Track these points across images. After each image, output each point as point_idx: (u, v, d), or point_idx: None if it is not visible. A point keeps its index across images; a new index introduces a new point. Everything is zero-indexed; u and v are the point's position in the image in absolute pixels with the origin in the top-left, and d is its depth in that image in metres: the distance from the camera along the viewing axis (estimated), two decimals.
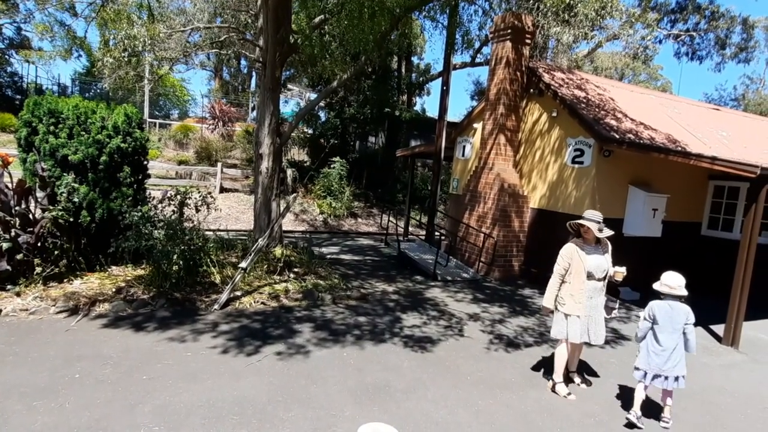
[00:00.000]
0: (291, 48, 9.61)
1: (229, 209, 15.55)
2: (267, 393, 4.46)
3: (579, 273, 4.96)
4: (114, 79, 17.19)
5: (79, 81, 36.54)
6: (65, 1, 27.94)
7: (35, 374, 4.42)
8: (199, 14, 19.11)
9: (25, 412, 3.82)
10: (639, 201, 9.28)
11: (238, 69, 37.99)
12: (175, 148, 22.95)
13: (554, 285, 5.06)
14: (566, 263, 5.02)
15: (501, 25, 10.46)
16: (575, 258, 5.00)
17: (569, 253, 5.07)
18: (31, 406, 3.90)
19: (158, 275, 6.98)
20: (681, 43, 18.24)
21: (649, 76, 33.83)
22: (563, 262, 5.05)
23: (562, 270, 5.02)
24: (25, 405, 3.91)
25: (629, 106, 10.77)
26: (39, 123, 7.06)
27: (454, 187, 12.52)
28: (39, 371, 4.49)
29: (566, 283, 5.01)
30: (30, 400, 3.98)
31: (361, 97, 20.36)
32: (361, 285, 8.72)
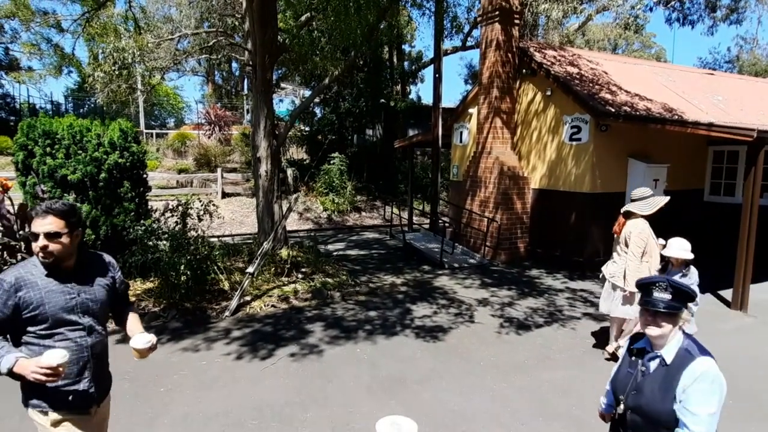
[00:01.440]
0: (280, 48, 9.59)
1: (232, 214, 15.60)
2: (284, 395, 4.51)
3: (654, 251, 4.98)
4: (107, 93, 17.19)
5: (72, 97, 36.56)
6: (50, 18, 27.91)
7: None
8: (186, 20, 19.04)
9: None
10: (639, 173, 9.26)
11: (229, 72, 37.89)
12: (173, 156, 22.98)
13: (637, 267, 4.94)
14: (644, 243, 4.98)
15: (489, 8, 10.39)
16: (651, 237, 5.02)
17: (646, 232, 5.03)
18: None
19: (167, 287, 7.02)
20: (672, 9, 18.06)
21: (642, 45, 33.52)
22: (641, 243, 4.99)
23: (641, 250, 4.98)
24: None
25: (623, 78, 10.70)
26: (35, 145, 7.09)
27: (455, 174, 12.51)
28: None
29: (644, 262, 4.98)
30: None
31: (355, 91, 20.29)
32: (370, 279, 8.75)
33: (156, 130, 30.73)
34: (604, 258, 9.35)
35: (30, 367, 2.05)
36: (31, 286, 2.23)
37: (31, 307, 2.20)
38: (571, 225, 9.58)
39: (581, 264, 9.35)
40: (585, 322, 6.56)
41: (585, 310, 7.06)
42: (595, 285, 8.47)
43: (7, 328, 2.21)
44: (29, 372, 2.05)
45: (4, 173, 15.25)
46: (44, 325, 2.24)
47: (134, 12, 13.29)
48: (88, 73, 17.57)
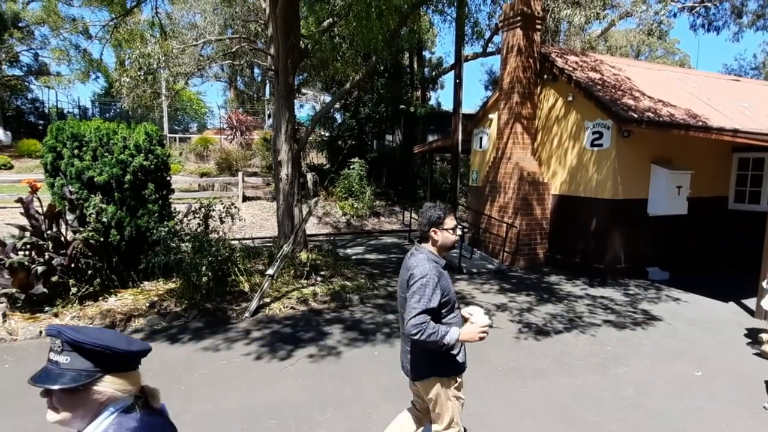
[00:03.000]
0: (302, 53, 9.71)
1: (252, 217, 15.77)
2: (302, 396, 4.55)
3: None
4: (132, 98, 17.57)
5: (99, 102, 37.40)
6: (79, 25, 28.65)
7: None
8: (210, 27, 19.39)
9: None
10: (662, 179, 9.14)
11: (251, 78, 38.39)
12: (196, 160, 23.33)
13: None
14: None
15: (510, 13, 10.39)
16: None
17: None
18: None
19: (189, 287, 7.14)
20: (696, 15, 17.78)
21: (666, 51, 33.05)
22: None
23: None
24: None
25: (646, 84, 10.59)
26: (63, 147, 7.28)
27: (474, 179, 12.48)
28: None
29: None
30: None
31: (375, 96, 20.39)
32: (388, 283, 8.77)
33: (179, 135, 31.27)
34: (625, 265, 9.31)
35: (475, 330, 2.67)
36: (443, 276, 2.79)
37: (445, 292, 2.75)
38: (591, 231, 9.48)
39: (602, 271, 9.24)
40: (605, 330, 6.48)
41: (605, 318, 6.98)
42: (616, 292, 8.37)
43: (437, 313, 2.72)
44: (476, 334, 2.66)
45: (33, 175, 15.67)
46: (449, 307, 2.79)
47: (160, 18, 13.59)
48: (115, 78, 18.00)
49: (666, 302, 7.87)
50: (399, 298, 2.94)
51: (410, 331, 2.58)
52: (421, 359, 2.87)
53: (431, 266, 2.74)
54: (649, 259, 9.57)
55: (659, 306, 7.63)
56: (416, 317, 2.59)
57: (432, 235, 2.87)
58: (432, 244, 2.89)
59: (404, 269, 2.87)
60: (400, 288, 2.91)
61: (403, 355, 3.01)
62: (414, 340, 2.62)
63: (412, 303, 2.63)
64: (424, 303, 2.62)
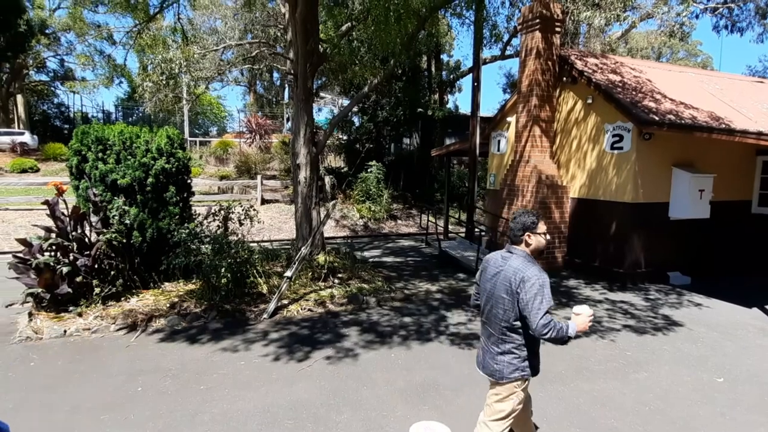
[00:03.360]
0: (321, 57, 9.79)
1: (271, 220, 15.91)
2: (319, 397, 4.58)
3: None
4: (154, 102, 17.91)
5: (122, 106, 38.15)
6: (103, 31, 29.29)
7: (100, 390, 4.69)
8: (230, 32, 19.66)
9: (94, 426, 4.05)
10: (684, 183, 8.99)
11: (270, 82, 38.78)
12: (215, 164, 23.65)
13: None
14: None
15: (529, 16, 10.34)
16: None
17: None
18: (99, 420, 4.14)
19: (208, 289, 7.24)
20: (719, 16, 17.44)
21: (688, 53, 32.54)
22: None
23: None
24: (93, 419, 4.15)
25: (668, 86, 10.44)
26: (88, 151, 7.44)
27: (491, 182, 12.43)
28: (104, 386, 4.75)
29: None
30: (97, 414, 4.22)
31: (393, 100, 20.45)
32: (405, 286, 8.78)
33: (199, 138, 31.73)
34: (645, 269, 9.18)
35: (585, 320, 2.87)
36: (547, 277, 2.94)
37: None
38: (611, 235, 9.37)
39: (622, 275, 9.12)
40: (625, 335, 6.40)
41: (625, 322, 6.89)
42: (636, 297, 8.26)
43: None
44: (586, 324, 2.87)
45: (59, 178, 16.03)
46: None
47: (182, 24, 13.82)
48: (138, 83, 18.34)
49: (687, 307, 7.74)
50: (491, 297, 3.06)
51: (541, 331, 2.75)
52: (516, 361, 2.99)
53: (539, 268, 2.93)
54: (671, 264, 9.42)
55: (680, 311, 7.51)
56: (544, 317, 2.77)
57: (526, 239, 3.05)
58: (525, 247, 3.06)
59: (509, 271, 2.97)
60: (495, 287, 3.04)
61: (488, 356, 3.09)
62: (545, 338, 2.78)
63: (536, 304, 2.79)
64: (546, 303, 2.80)
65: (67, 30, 30.19)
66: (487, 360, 3.09)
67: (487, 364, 3.09)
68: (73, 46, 32.05)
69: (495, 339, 3.04)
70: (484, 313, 3.15)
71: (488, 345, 3.10)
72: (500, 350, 3.01)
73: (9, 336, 6.02)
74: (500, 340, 3.00)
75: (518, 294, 2.87)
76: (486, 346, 3.12)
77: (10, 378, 4.89)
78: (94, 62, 32.52)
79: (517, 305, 2.89)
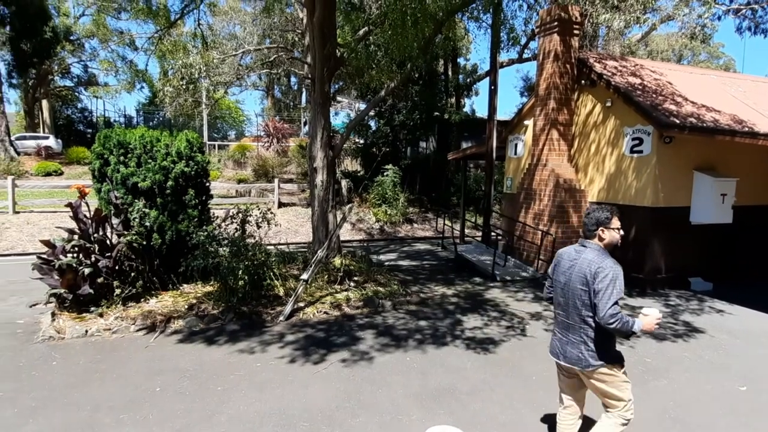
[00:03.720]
0: (338, 62, 9.85)
1: (288, 223, 16.02)
2: (334, 399, 4.60)
3: None
4: (174, 107, 18.18)
5: (143, 111, 38.79)
6: (126, 37, 29.85)
7: (120, 389, 4.76)
8: (249, 37, 19.91)
9: (114, 424, 4.12)
10: (706, 187, 8.84)
11: (288, 86, 39.13)
12: (233, 167, 23.89)
13: None
14: None
15: (547, 19, 10.28)
16: None
17: None
18: (119, 419, 4.20)
19: (226, 291, 7.31)
20: (742, 18, 17.12)
21: (709, 56, 32.01)
22: None
23: None
24: (113, 418, 4.22)
25: (689, 88, 10.29)
26: (110, 154, 7.58)
27: (508, 186, 12.36)
28: (124, 386, 4.83)
29: None
30: (117, 414, 4.29)
31: (409, 103, 20.47)
32: (420, 290, 8.76)
33: (218, 142, 32.10)
34: (666, 275, 9.03)
35: (652, 321, 3.07)
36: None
37: None
38: (630, 240, 9.24)
39: (641, 281, 8.99)
40: (644, 341, 6.30)
41: None
42: (656, 303, 8.13)
43: None
44: (652, 325, 3.06)
45: (82, 181, 16.35)
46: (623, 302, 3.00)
47: (202, 30, 14.03)
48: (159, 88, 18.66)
49: (709, 314, 7.59)
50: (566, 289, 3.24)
51: (608, 320, 2.91)
52: (600, 349, 3.14)
53: (613, 261, 3.09)
54: (692, 269, 9.26)
55: (702, 318, 7.37)
56: (613, 307, 2.93)
57: (600, 233, 3.21)
58: (598, 241, 3.21)
59: (583, 263, 3.14)
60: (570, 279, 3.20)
61: (569, 346, 3.24)
62: (610, 327, 2.94)
63: (607, 294, 2.96)
64: (616, 294, 2.96)
65: (90, 36, 30.86)
66: (568, 350, 3.25)
67: (569, 354, 3.24)
68: (96, 52, 32.75)
69: (575, 329, 3.21)
70: (560, 304, 3.33)
71: (567, 335, 3.27)
72: (581, 339, 3.17)
73: (32, 335, 6.15)
74: (581, 329, 3.17)
75: (592, 284, 3.04)
76: (564, 336, 3.29)
77: (33, 377, 5.00)
78: (116, 68, 33.18)
79: (591, 295, 3.06)
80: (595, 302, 3.02)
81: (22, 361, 5.37)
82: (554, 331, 3.43)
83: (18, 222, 13.62)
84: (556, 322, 3.40)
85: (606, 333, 3.09)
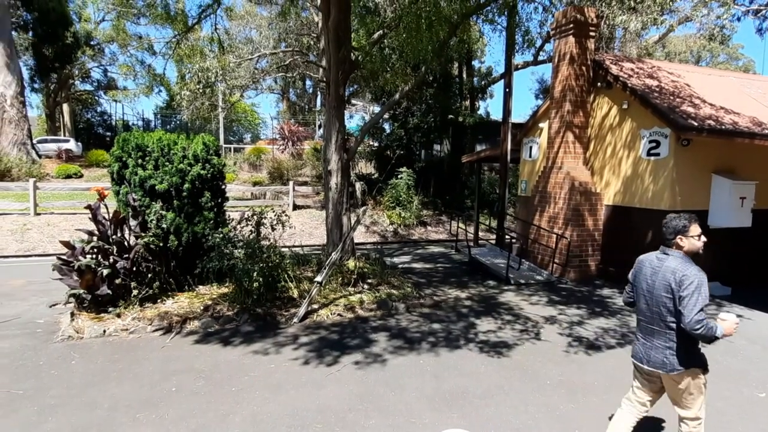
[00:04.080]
0: (353, 65, 9.90)
1: (302, 225, 16.11)
2: (347, 401, 4.62)
3: None
4: (191, 110, 18.40)
5: (161, 114, 39.32)
6: (144, 42, 30.33)
7: (137, 388, 4.83)
8: (265, 41, 20.08)
9: (130, 423, 4.19)
10: (724, 190, 8.72)
11: (303, 89, 39.39)
12: (249, 170, 24.10)
13: None
14: None
15: (562, 21, 10.23)
16: None
17: None
18: (135, 418, 4.27)
19: (240, 292, 7.38)
20: (762, 18, 16.87)
21: (728, 57, 31.53)
22: None
23: None
24: (129, 417, 4.28)
25: (707, 90, 10.15)
26: (128, 157, 7.71)
27: (523, 189, 12.30)
28: (140, 385, 4.90)
29: None
30: (134, 413, 4.35)
31: (423, 106, 20.48)
32: (434, 292, 8.76)
33: (234, 145, 32.40)
34: None
35: (731, 326, 3.13)
36: None
37: None
38: (647, 244, 9.13)
39: None
40: None
41: None
42: None
43: None
44: (732, 329, 3.13)
45: (101, 183, 16.63)
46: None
47: (219, 34, 14.19)
48: (176, 91, 18.92)
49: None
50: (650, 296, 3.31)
51: (694, 326, 2.98)
52: (685, 353, 3.21)
53: (697, 268, 3.13)
54: (710, 274, 8.99)
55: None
56: (699, 313, 3.00)
57: (678, 242, 3.25)
58: (678, 249, 3.25)
59: (666, 271, 3.20)
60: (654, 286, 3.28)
61: (653, 351, 3.30)
62: (695, 333, 3.01)
63: (692, 301, 3.02)
64: (702, 301, 3.02)
65: (110, 41, 31.43)
66: (652, 354, 3.32)
67: (653, 358, 3.31)
68: (115, 57, 33.36)
69: (659, 334, 3.27)
70: (643, 311, 3.40)
71: (651, 340, 3.33)
72: (666, 344, 3.24)
73: (52, 335, 6.27)
74: (665, 335, 3.24)
75: (677, 291, 3.09)
76: (648, 341, 3.35)
77: (53, 375, 5.09)
78: (135, 72, 33.75)
79: (675, 302, 3.11)
80: (680, 309, 3.08)
81: (42, 360, 5.48)
82: (637, 337, 3.51)
83: (39, 223, 13.89)
84: (639, 328, 3.47)
85: (690, 338, 3.14)
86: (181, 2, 15.65)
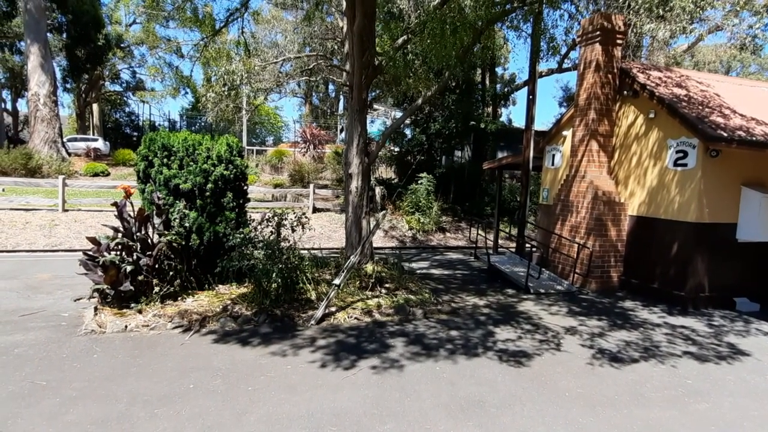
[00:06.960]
0: (376, 70, 9.93)
1: (321, 228, 16.17)
2: (363, 406, 4.60)
3: None
4: (216, 112, 18.67)
5: (186, 116, 39.96)
6: (173, 44, 30.91)
7: (156, 384, 4.89)
8: (290, 45, 20.29)
9: (148, 418, 4.23)
10: (754, 203, 8.50)
11: (326, 93, 39.67)
12: (270, 172, 24.33)
13: None
14: None
15: (589, 28, 10.12)
16: None
17: None
18: (153, 413, 4.31)
19: (259, 293, 7.43)
20: None
21: (760, 67, 30.80)
22: None
23: None
24: (147, 412, 4.33)
25: (738, 100, 9.93)
26: (154, 157, 7.84)
27: (544, 197, 12.16)
28: (159, 381, 4.96)
29: None
30: (152, 408, 4.40)
31: (445, 112, 20.42)
32: (452, 299, 8.70)
33: (256, 147, 32.76)
34: (709, 294, 8.70)
35: None
36: None
37: None
38: (672, 256, 8.95)
39: (683, 299, 8.68)
40: (686, 362, 6.08)
41: (686, 349, 6.54)
42: (698, 322, 7.83)
43: None
44: None
45: (127, 182, 16.95)
46: None
47: (245, 38, 14.39)
48: (202, 93, 19.22)
49: (756, 336, 7.27)
50: None
51: None
52: None
53: None
54: (738, 289, 8.89)
55: (747, 340, 7.05)
56: None
57: None
58: None
59: None
60: None
61: None
62: None
63: None
64: None
65: (140, 44, 32.12)
66: None
67: None
68: (144, 59, 34.09)
69: None
70: None
71: None
72: None
73: (76, 328, 6.39)
74: None
75: None
76: None
77: (75, 368, 5.18)
78: (163, 74, 34.43)
79: None
80: None
81: (65, 353, 5.58)
82: None
83: (66, 220, 14.20)
84: None
85: None
86: (209, 6, 15.90)
